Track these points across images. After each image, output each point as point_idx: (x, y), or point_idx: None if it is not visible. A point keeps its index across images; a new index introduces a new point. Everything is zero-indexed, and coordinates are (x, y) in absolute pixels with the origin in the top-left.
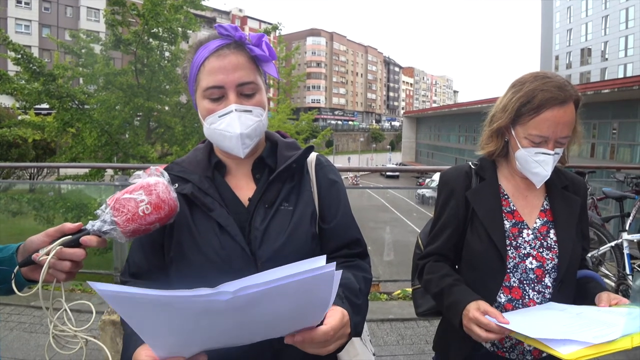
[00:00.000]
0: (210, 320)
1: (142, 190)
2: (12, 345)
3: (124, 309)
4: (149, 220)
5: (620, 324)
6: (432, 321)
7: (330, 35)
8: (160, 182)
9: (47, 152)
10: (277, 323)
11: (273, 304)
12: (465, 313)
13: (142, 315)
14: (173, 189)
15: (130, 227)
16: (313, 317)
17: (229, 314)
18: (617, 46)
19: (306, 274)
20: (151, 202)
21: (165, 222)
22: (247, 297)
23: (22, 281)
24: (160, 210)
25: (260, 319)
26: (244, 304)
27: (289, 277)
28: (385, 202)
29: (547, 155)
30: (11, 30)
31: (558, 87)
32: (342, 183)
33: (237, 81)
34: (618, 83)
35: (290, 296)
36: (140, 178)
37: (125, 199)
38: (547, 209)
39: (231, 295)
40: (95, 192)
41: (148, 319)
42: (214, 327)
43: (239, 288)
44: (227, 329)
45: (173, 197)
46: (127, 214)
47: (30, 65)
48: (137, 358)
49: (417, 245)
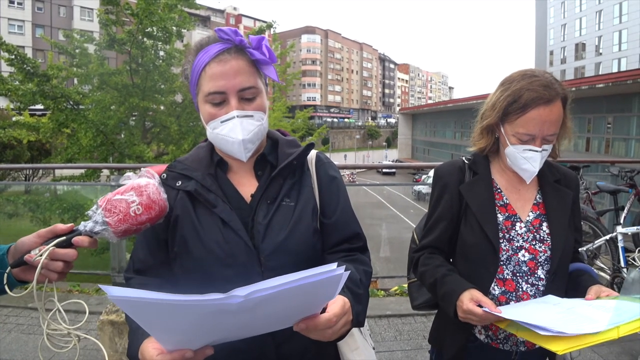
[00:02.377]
0: (219, 319)
1: (133, 191)
2: (10, 347)
3: (135, 311)
4: (140, 221)
5: (606, 317)
6: (430, 317)
7: (325, 32)
8: (151, 183)
9: (42, 153)
10: (283, 317)
11: (281, 303)
12: (459, 304)
13: (153, 316)
14: (163, 190)
15: (121, 227)
16: (316, 308)
17: (238, 314)
18: (611, 41)
19: (317, 277)
20: (142, 203)
21: (155, 222)
22: (258, 299)
23: (14, 282)
24: (151, 211)
25: (267, 315)
26: (254, 305)
27: (300, 279)
28: (382, 199)
29: (534, 152)
30: (4, 30)
31: (544, 86)
32: (342, 179)
33: (239, 86)
34: (612, 77)
35: (298, 296)
36: (130, 179)
37: (117, 200)
38: (539, 202)
39: (242, 299)
40: (92, 192)
41: (158, 320)
42: (222, 324)
43: (250, 292)
44: (235, 325)
45: (163, 198)
46: (118, 215)
47: (24, 66)
48: (144, 351)
49: (412, 240)
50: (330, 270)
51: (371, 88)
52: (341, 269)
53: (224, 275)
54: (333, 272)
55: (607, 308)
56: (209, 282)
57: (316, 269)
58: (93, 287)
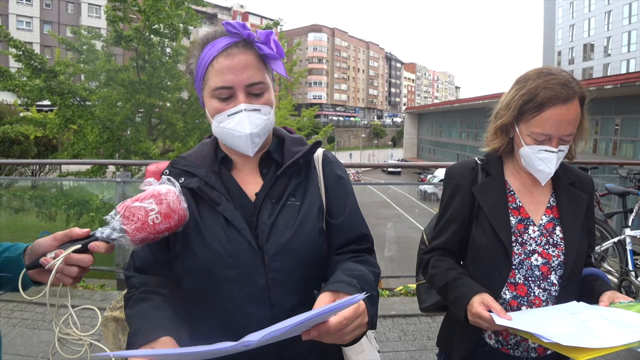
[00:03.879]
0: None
1: (153, 198)
2: (15, 342)
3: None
4: (158, 230)
5: (617, 336)
6: (435, 317)
7: (331, 31)
8: (172, 191)
9: (49, 148)
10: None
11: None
12: (469, 308)
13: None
14: (184, 199)
15: (139, 236)
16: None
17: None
18: (620, 42)
19: (335, 306)
20: (161, 212)
21: (174, 231)
22: (271, 338)
23: (28, 282)
24: (169, 220)
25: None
26: (267, 341)
27: (317, 313)
28: (387, 198)
29: (550, 153)
30: (12, 27)
31: (562, 84)
32: (349, 179)
33: (247, 81)
34: (621, 79)
35: (312, 322)
36: (151, 185)
37: (136, 207)
38: (553, 205)
39: (255, 344)
40: (97, 188)
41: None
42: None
43: (262, 336)
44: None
45: (183, 207)
46: (136, 223)
47: (32, 62)
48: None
49: (421, 241)
50: (349, 299)
51: (377, 87)
52: (361, 296)
53: (227, 276)
54: (352, 301)
55: (624, 324)
56: (210, 283)
57: (336, 303)
58: (97, 283)
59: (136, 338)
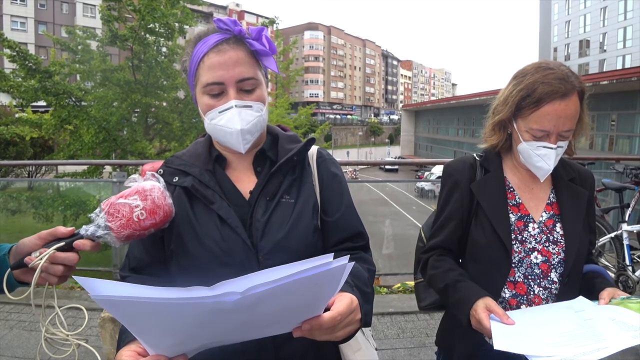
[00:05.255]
0: (213, 319)
1: (138, 195)
2: (12, 344)
3: (119, 312)
4: (143, 226)
5: (619, 339)
6: (433, 314)
7: (327, 29)
8: (156, 187)
9: (45, 149)
10: (282, 318)
11: (280, 300)
12: (472, 313)
13: (140, 318)
14: (169, 195)
15: (124, 233)
16: (318, 308)
17: (234, 313)
18: (616, 37)
19: (319, 268)
20: (146, 208)
21: (160, 227)
22: (256, 295)
23: (14, 283)
24: (155, 216)
25: (265, 316)
26: (252, 302)
27: (302, 272)
28: (385, 196)
29: (549, 149)
30: (7, 27)
31: (560, 79)
32: (344, 176)
33: (237, 77)
34: (617, 74)
35: (298, 292)
36: (135, 182)
37: (120, 204)
38: (553, 202)
39: (239, 296)
40: (94, 189)
41: (146, 322)
42: (217, 326)
43: (247, 288)
44: (231, 327)
45: (168, 203)
46: (121, 219)
47: (26, 63)
48: (120, 356)
49: (419, 239)
50: (333, 260)
51: (374, 85)
52: (345, 259)
53: (221, 274)
54: (337, 263)
55: (628, 326)
56: (206, 281)
57: (317, 258)
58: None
59: (126, 334)
